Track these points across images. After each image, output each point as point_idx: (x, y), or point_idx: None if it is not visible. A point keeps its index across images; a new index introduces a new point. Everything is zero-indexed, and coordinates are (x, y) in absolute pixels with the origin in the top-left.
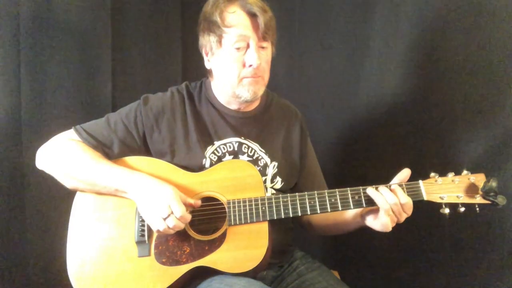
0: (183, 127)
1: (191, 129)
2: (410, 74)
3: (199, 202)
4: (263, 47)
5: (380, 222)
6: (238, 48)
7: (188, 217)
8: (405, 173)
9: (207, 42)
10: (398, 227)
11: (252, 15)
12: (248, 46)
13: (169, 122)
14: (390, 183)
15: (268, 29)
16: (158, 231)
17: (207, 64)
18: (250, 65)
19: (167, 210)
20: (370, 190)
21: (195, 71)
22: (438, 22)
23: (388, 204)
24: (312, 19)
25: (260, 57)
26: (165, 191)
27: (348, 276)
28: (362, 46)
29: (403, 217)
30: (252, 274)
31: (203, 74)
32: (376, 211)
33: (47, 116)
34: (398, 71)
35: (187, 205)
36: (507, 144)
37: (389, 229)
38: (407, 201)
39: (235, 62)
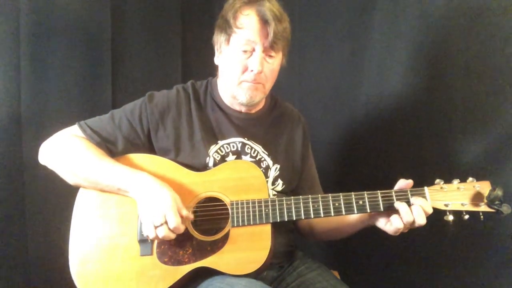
0: (188, 125)
1: (196, 127)
2: (410, 75)
3: (191, 216)
4: (270, 56)
5: (395, 228)
6: (244, 51)
7: (182, 228)
8: (406, 185)
9: (218, 38)
10: None
11: (265, 22)
12: (254, 50)
13: (174, 120)
14: (393, 189)
15: (278, 39)
16: (147, 237)
17: (216, 60)
18: (252, 70)
19: (161, 219)
20: (400, 204)
21: (195, 71)
22: (438, 22)
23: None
24: (312, 19)
25: (263, 64)
26: (164, 199)
27: (348, 276)
28: (362, 46)
29: None
30: (253, 275)
31: (203, 74)
32: (388, 215)
33: (47, 115)
34: (398, 71)
35: (180, 216)
36: (510, 145)
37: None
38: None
39: (238, 64)
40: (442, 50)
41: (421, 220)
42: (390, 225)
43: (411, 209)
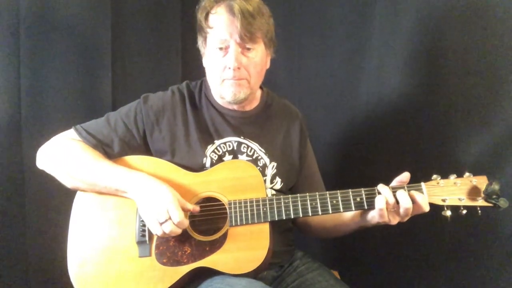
0: (183, 126)
1: (192, 128)
2: (410, 74)
3: (197, 208)
4: (248, 49)
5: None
6: (220, 49)
7: (186, 223)
8: (405, 177)
9: (199, 41)
10: (398, 227)
11: (233, 16)
12: (229, 47)
13: (170, 121)
14: (390, 185)
15: (248, 31)
16: (156, 235)
17: (203, 62)
18: (229, 67)
19: (165, 215)
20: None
21: (195, 71)
22: (438, 22)
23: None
24: (312, 19)
25: (239, 60)
26: (165, 195)
27: (348, 276)
28: (362, 46)
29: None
30: (253, 274)
31: (203, 74)
32: None
33: (47, 116)
34: (398, 71)
35: (186, 210)
36: (508, 144)
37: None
38: (409, 206)
39: (217, 63)
40: (442, 49)
41: (406, 202)
42: (374, 210)
43: (395, 195)
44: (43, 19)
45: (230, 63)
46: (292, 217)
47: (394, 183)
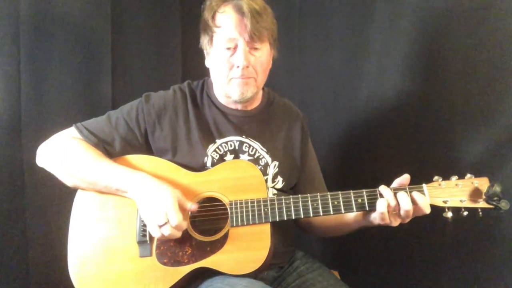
0: (185, 125)
1: (193, 127)
2: (410, 74)
3: (195, 207)
4: (255, 48)
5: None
6: (228, 48)
7: (184, 226)
8: (405, 179)
9: (203, 41)
10: (398, 227)
11: (242, 15)
12: (237, 46)
13: (171, 120)
14: (391, 186)
15: (257, 30)
16: (154, 237)
17: (206, 63)
18: (238, 66)
19: (164, 218)
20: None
21: (195, 71)
22: (438, 22)
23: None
24: (312, 19)
25: (248, 58)
26: (165, 197)
27: (348, 276)
28: (362, 45)
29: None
30: (253, 275)
31: (203, 74)
32: None
33: (47, 116)
34: (398, 71)
35: (185, 210)
36: (510, 145)
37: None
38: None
39: (224, 63)
40: (442, 49)
41: (406, 204)
42: (375, 213)
43: (396, 197)
44: (43, 19)
45: (239, 61)
46: (293, 218)
47: (395, 185)
